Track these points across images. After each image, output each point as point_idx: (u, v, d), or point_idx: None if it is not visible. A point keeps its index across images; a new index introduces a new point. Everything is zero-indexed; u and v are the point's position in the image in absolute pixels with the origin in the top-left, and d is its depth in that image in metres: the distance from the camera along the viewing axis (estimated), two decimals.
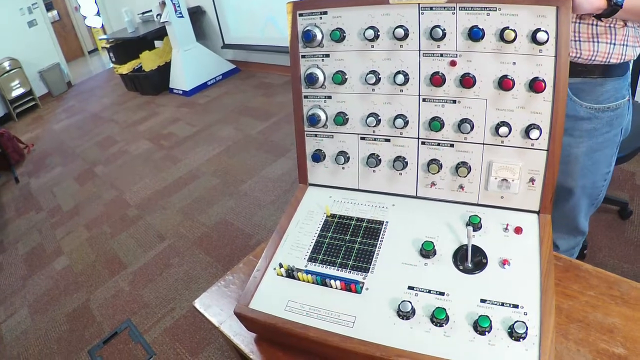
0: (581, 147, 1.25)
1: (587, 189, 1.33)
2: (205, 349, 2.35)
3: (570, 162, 1.27)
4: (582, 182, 1.31)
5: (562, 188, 1.33)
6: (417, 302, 0.81)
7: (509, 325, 0.74)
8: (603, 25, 1.08)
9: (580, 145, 1.25)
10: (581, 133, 1.23)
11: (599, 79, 1.17)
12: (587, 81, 1.17)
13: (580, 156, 1.26)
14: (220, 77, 6.74)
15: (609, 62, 1.13)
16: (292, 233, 1.00)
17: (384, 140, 1.01)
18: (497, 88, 0.88)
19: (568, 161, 1.27)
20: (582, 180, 1.30)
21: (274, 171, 3.86)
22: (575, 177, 1.29)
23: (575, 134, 1.24)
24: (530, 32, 0.83)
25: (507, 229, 0.90)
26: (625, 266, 2.29)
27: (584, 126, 1.22)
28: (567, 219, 1.41)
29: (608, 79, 1.17)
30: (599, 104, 1.19)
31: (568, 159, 1.27)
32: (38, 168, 5.49)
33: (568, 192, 1.33)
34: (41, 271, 3.41)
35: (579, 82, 1.18)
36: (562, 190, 1.33)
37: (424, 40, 0.91)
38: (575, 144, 1.25)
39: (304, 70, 1.04)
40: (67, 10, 11.80)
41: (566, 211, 1.39)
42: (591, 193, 1.35)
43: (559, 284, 0.92)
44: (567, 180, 1.31)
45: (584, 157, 1.26)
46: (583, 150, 1.25)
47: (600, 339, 0.82)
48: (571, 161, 1.27)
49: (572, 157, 1.27)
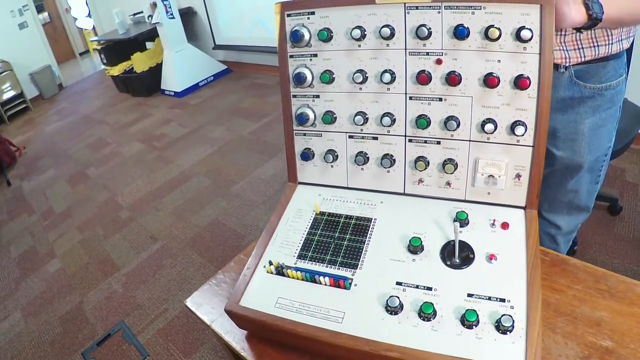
0: (587, 123, 1.29)
1: (590, 164, 1.36)
2: (199, 349, 2.35)
3: (577, 139, 1.31)
4: (589, 157, 1.34)
5: (567, 165, 1.36)
6: (405, 297, 0.82)
7: (496, 319, 0.75)
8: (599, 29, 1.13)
9: (586, 121, 1.28)
10: (586, 109, 1.27)
11: (601, 63, 1.21)
12: (590, 66, 1.21)
13: (586, 132, 1.30)
14: (212, 78, 6.73)
15: (610, 53, 1.18)
16: (282, 231, 1.01)
17: (372, 138, 1.02)
18: (482, 85, 0.89)
19: (575, 138, 1.31)
20: (589, 155, 1.33)
21: (266, 171, 3.86)
22: (583, 152, 1.33)
23: (580, 110, 1.28)
24: (514, 30, 0.84)
25: (494, 225, 0.91)
26: (616, 261, 2.32)
27: (589, 103, 1.26)
28: (569, 196, 1.44)
29: (609, 62, 1.22)
30: (602, 84, 1.24)
31: (575, 136, 1.31)
32: (30, 171, 5.47)
33: (574, 168, 1.37)
34: (34, 274, 3.40)
35: (584, 67, 1.22)
36: (568, 167, 1.37)
37: (410, 39, 0.92)
38: (581, 120, 1.29)
39: (292, 70, 1.04)
40: (58, 12, 11.75)
41: (568, 188, 1.42)
42: (594, 167, 1.38)
43: (546, 278, 0.93)
44: (575, 157, 1.34)
45: (589, 132, 1.30)
46: (588, 126, 1.29)
47: (588, 332, 0.83)
48: (578, 138, 1.31)
49: (579, 133, 1.30)
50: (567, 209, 1.47)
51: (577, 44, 1.16)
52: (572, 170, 1.37)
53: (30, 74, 8.60)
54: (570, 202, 1.45)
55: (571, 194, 1.43)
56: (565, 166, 1.36)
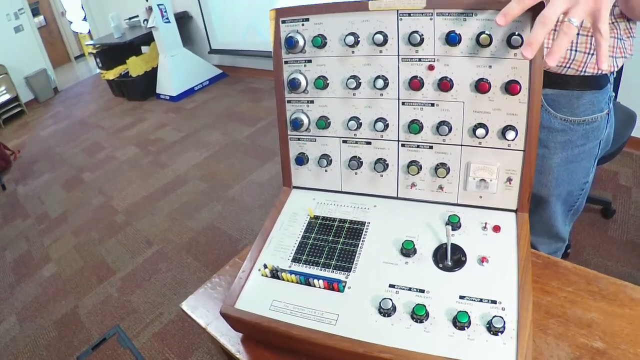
0: (555, 159, 1.22)
1: (562, 197, 1.30)
2: (194, 353, 2.36)
3: (544, 172, 1.25)
4: (557, 191, 1.28)
5: (537, 196, 1.30)
6: (398, 299, 0.82)
7: (487, 320, 0.76)
8: (584, 34, 1.04)
9: (554, 156, 1.22)
10: (555, 145, 1.20)
11: (576, 91, 1.12)
12: (563, 93, 1.13)
13: (554, 167, 1.24)
14: (207, 82, 6.74)
15: (585, 72, 1.08)
16: (276, 235, 1.02)
17: (365, 143, 1.03)
18: (473, 91, 0.90)
19: (542, 171, 1.24)
20: (557, 189, 1.28)
21: (261, 176, 3.87)
22: (550, 186, 1.27)
23: (549, 145, 1.20)
24: (505, 37, 0.85)
25: (485, 228, 0.92)
26: (609, 264, 2.34)
27: (558, 138, 1.19)
28: (546, 225, 1.39)
29: (585, 92, 1.12)
30: (575, 117, 1.15)
31: (542, 169, 1.24)
32: (25, 175, 5.45)
33: (543, 200, 1.31)
34: (29, 278, 3.40)
35: (555, 94, 1.14)
36: (538, 198, 1.31)
37: (403, 45, 0.93)
38: (549, 155, 1.22)
39: (286, 76, 1.05)
40: (54, 16, 11.73)
41: (544, 218, 1.37)
42: (567, 200, 1.32)
43: (537, 280, 0.94)
44: (542, 190, 1.28)
45: (558, 168, 1.23)
46: (557, 161, 1.22)
47: (579, 334, 0.83)
48: (545, 171, 1.25)
49: (547, 167, 1.24)
50: (546, 235, 1.43)
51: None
52: (541, 201, 1.32)
53: (25, 77, 8.58)
54: (548, 230, 1.40)
55: (547, 223, 1.38)
56: (535, 194, 1.29)
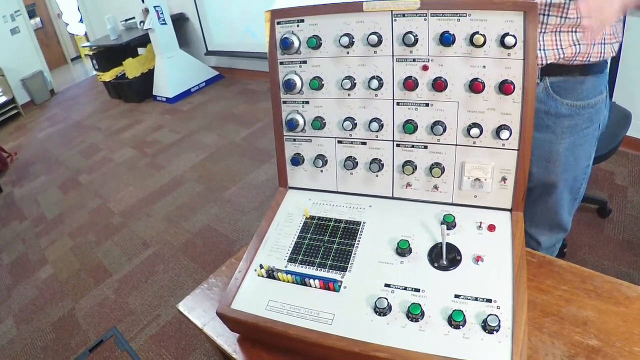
0: (563, 144, 1.27)
1: (568, 182, 1.35)
2: (191, 354, 2.35)
3: (552, 159, 1.29)
4: (564, 176, 1.32)
5: (544, 184, 1.35)
6: (394, 298, 0.83)
7: (482, 319, 0.76)
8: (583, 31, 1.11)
9: (562, 141, 1.27)
10: (563, 129, 1.25)
11: (579, 77, 1.19)
12: (567, 79, 1.20)
13: (562, 152, 1.28)
14: (204, 84, 6.74)
15: (589, 62, 1.16)
16: (272, 235, 1.02)
17: (360, 143, 1.03)
18: (467, 91, 0.91)
19: (550, 158, 1.29)
20: (564, 174, 1.32)
21: (257, 177, 3.87)
22: (558, 172, 1.31)
23: (557, 130, 1.26)
24: (499, 37, 0.86)
25: (480, 227, 0.92)
26: (606, 263, 2.34)
27: (566, 123, 1.24)
28: (550, 214, 1.42)
29: (587, 77, 1.20)
30: (580, 101, 1.22)
31: (550, 156, 1.29)
32: (21, 177, 5.44)
33: (551, 187, 1.35)
34: (26, 280, 3.39)
35: (560, 81, 1.20)
36: (545, 186, 1.35)
37: (397, 46, 0.93)
38: (557, 140, 1.27)
39: (282, 77, 1.06)
40: (50, 18, 11.70)
41: (549, 206, 1.40)
42: (572, 186, 1.37)
43: (533, 279, 0.95)
44: (550, 176, 1.32)
45: (566, 152, 1.28)
46: (565, 146, 1.27)
47: (575, 332, 0.84)
48: (552, 158, 1.29)
49: (555, 153, 1.29)
50: (549, 226, 1.47)
51: (556, 43, 1.13)
52: (549, 188, 1.36)
53: (21, 79, 8.55)
54: (552, 219, 1.44)
55: (552, 211, 1.42)
56: (542, 183, 1.35)
